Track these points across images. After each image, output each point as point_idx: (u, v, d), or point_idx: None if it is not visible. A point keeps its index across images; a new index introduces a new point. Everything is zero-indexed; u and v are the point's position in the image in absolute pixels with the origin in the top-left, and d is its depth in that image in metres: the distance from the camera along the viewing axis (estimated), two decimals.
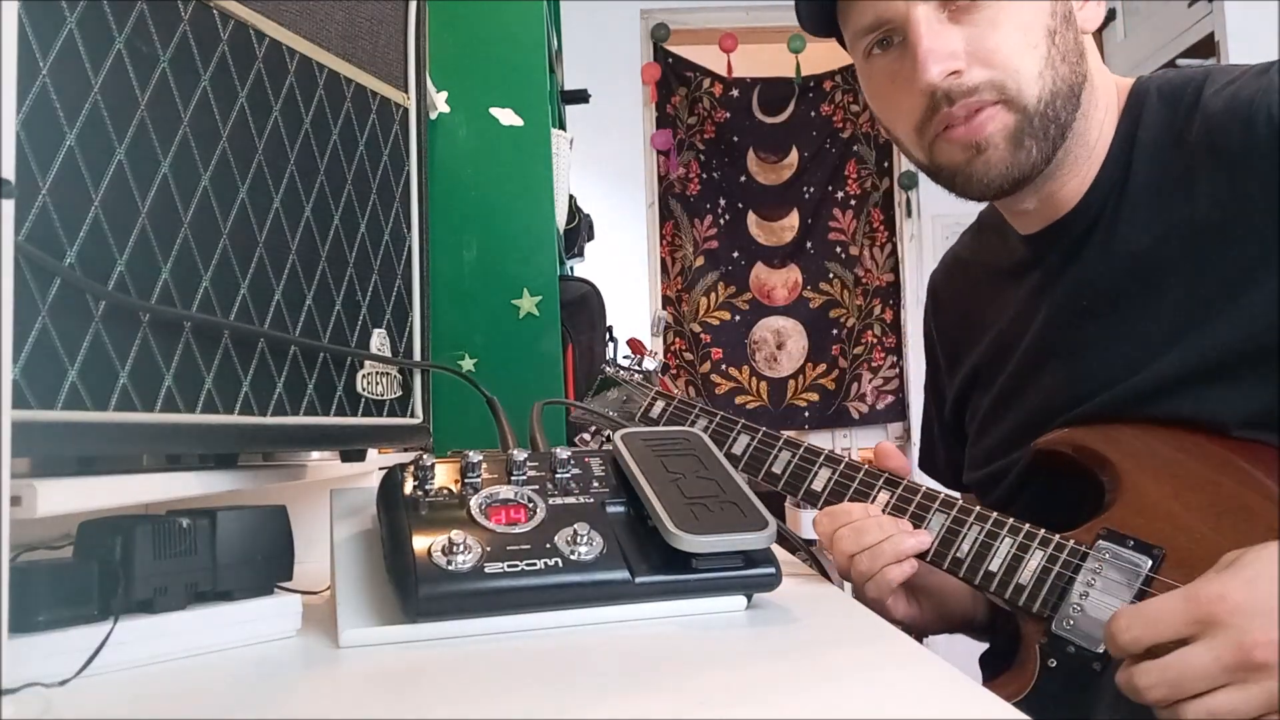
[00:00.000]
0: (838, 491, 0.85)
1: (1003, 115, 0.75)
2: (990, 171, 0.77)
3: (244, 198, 0.58)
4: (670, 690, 0.46)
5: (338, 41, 0.67)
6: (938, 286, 1.07)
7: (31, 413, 0.43)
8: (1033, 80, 0.74)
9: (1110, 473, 0.77)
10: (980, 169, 0.77)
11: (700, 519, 0.60)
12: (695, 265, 3.83)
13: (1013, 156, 0.76)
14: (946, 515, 0.79)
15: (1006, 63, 0.74)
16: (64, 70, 0.45)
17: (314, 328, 0.64)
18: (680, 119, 3.85)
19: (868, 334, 3.83)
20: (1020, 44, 0.74)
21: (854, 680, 0.48)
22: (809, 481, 0.87)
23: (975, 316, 0.97)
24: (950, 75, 0.74)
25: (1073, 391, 0.82)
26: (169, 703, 0.46)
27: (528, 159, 1.55)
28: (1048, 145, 0.77)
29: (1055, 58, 0.75)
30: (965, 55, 0.74)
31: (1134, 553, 0.71)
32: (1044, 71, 0.75)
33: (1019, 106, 0.75)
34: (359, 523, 0.65)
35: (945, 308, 1.05)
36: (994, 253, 0.96)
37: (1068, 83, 0.76)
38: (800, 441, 0.90)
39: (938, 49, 0.73)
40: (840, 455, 0.88)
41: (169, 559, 0.51)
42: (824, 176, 3.85)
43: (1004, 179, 0.78)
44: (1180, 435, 0.75)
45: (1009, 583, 0.75)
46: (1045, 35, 0.75)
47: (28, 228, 0.44)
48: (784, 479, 0.88)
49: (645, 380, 1.04)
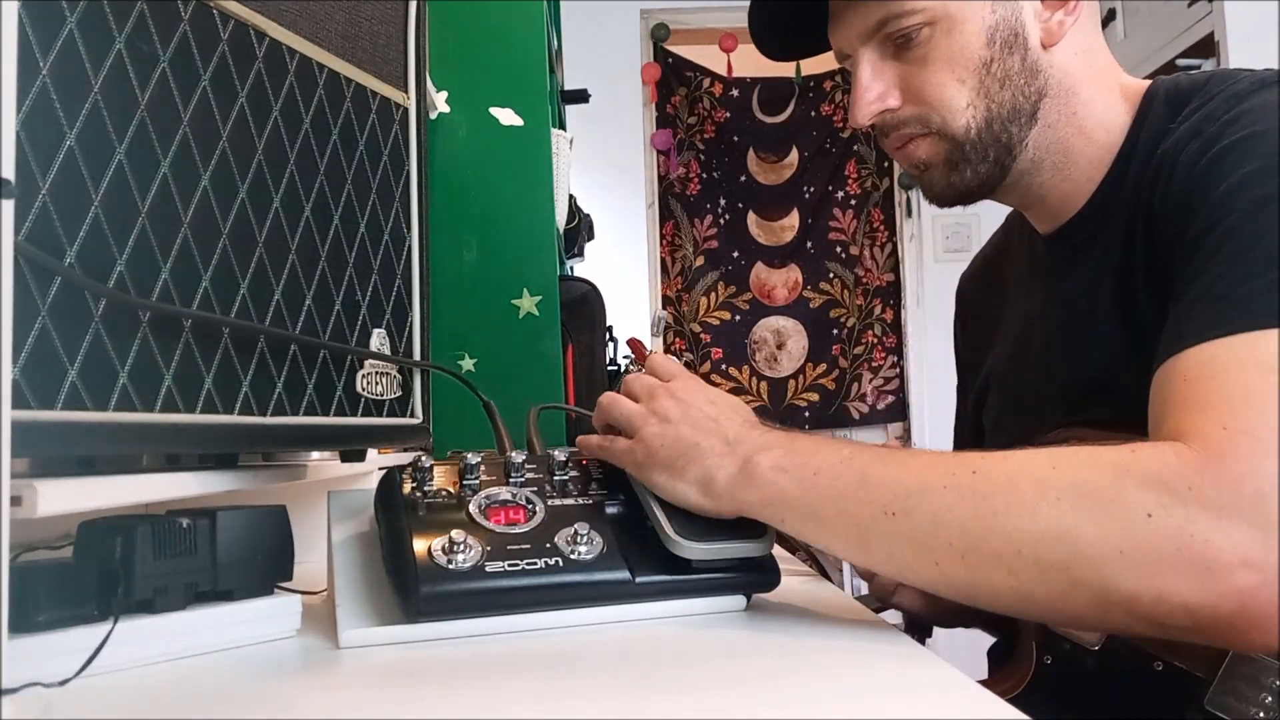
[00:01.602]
0: None
1: (931, 144, 0.81)
2: (934, 188, 0.83)
3: (244, 197, 0.58)
4: (670, 690, 0.46)
5: (338, 41, 0.67)
6: (965, 290, 1.08)
7: (31, 413, 0.43)
8: (959, 112, 0.79)
9: None
10: (926, 185, 0.84)
11: (699, 525, 0.61)
12: (695, 265, 3.83)
13: (948, 178, 0.82)
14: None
15: (932, 99, 0.79)
16: (64, 70, 0.46)
17: (314, 327, 0.64)
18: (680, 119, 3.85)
19: (868, 334, 3.83)
20: (945, 80, 0.78)
21: (853, 679, 0.48)
22: None
23: (998, 317, 0.97)
24: (882, 113, 0.81)
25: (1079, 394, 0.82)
26: (169, 703, 0.46)
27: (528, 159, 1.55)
28: (990, 165, 0.81)
29: (990, 86, 0.79)
30: (899, 91, 0.80)
31: None
32: (974, 102, 0.79)
33: (947, 136, 0.80)
34: (356, 524, 0.65)
35: (971, 310, 1.06)
36: (1017, 254, 0.97)
37: (1010, 105, 0.79)
38: None
39: (868, 95, 0.80)
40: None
41: (169, 559, 0.51)
42: (824, 176, 3.85)
43: (950, 194, 0.83)
44: None
45: None
46: (976, 68, 0.78)
47: (28, 227, 0.44)
48: None
49: None
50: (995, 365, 0.96)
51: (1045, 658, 0.73)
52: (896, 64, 0.80)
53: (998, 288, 1.00)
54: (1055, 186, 0.83)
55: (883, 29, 0.78)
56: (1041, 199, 0.85)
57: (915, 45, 0.78)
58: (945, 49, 0.78)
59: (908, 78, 0.79)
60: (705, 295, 3.84)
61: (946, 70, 0.78)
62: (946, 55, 0.78)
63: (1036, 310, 0.89)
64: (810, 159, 3.86)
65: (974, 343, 1.04)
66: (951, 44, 0.78)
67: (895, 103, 0.80)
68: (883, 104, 0.80)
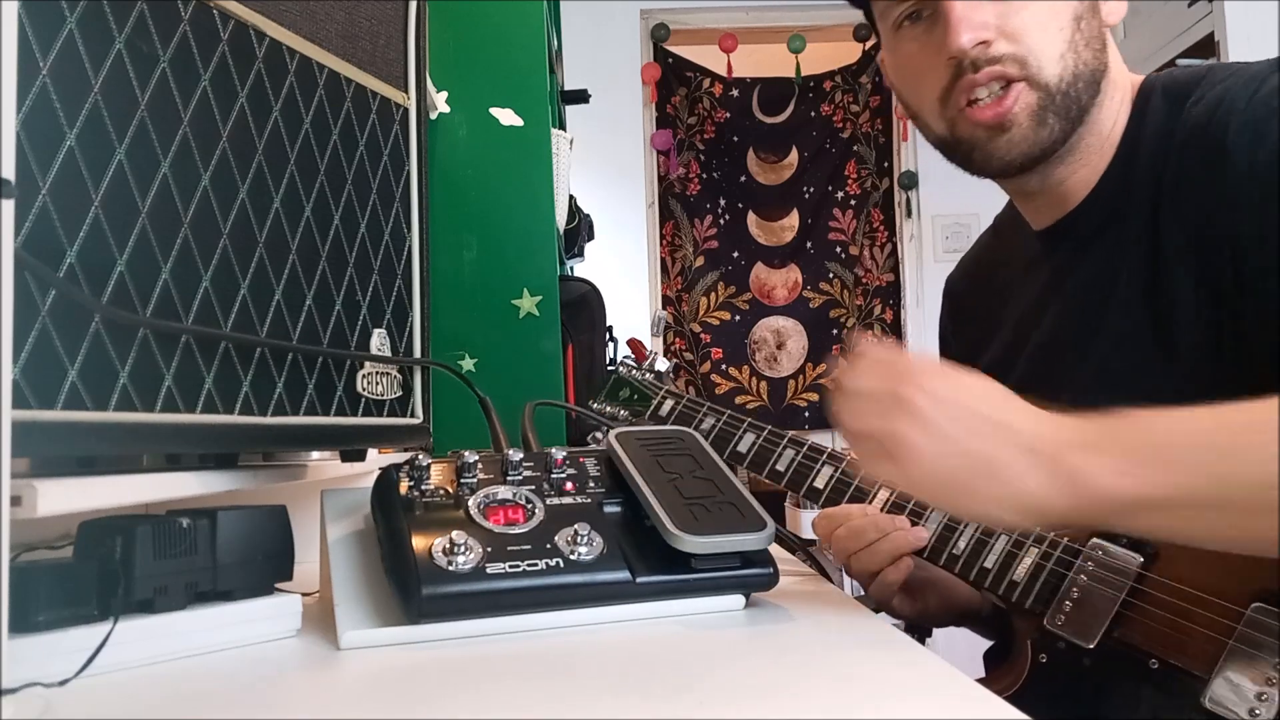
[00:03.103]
0: (839, 490, 0.86)
1: (1026, 94, 0.78)
2: (1012, 150, 0.80)
3: (244, 198, 0.58)
4: (670, 690, 0.46)
5: (338, 41, 0.67)
6: (953, 289, 1.08)
7: (31, 413, 0.43)
8: (1054, 60, 0.78)
9: None
10: (1003, 146, 0.80)
11: (699, 520, 0.61)
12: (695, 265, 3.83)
13: (1035, 134, 0.79)
14: (944, 513, 0.80)
15: (1031, 40, 0.77)
16: (64, 70, 0.46)
17: (314, 328, 0.64)
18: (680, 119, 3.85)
19: (868, 334, 3.83)
20: (1046, 24, 0.77)
21: (851, 678, 0.48)
22: (811, 479, 0.88)
23: (990, 316, 0.97)
24: (979, 45, 0.77)
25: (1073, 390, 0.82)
26: (169, 703, 0.46)
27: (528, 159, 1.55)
28: (1068, 124, 0.79)
29: (1079, 42, 0.78)
30: (994, 28, 0.77)
31: (1126, 550, 0.71)
32: (1066, 54, 0.78)
33: (1040, 84, 0.78)
34: (352, 523, 0.65)
35: (960, 310, 1.06)
36: (1009, 251, 0.97)
37: (1089, 67, 0.79)
38: (804, 440, 0.90)
39: (970, 17, 0.77)
40: (843, 454, 0.88)
41: (169, 559, 0.51)
42: (824, 176, 3.85)
43: (1025, 156, 0.80)
44: None
45: (1003, 579, 0.76)
46: (1071, 19, 0.78)
47: (28, 228, 0.44)
48: (787, 476, 0.89)
49: (657, 380, 1.05)
50: (990, 361, 0.96)
51: (1041, 656, 0.73)
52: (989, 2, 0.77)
53: (989, 286, 1.00)
54: (1070, 174, 0.84)
55: None
56: (1053, 188, 0.85)
57: None
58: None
59: (1006, 14, 0.77)
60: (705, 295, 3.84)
61: (1047, 14, 0.77)
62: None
63: (1036, 304, 0.89)
64: (810, 159, 3.86)
65: (965, 341, 1.03)
66: None
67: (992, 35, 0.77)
68: (986, 31, 0.77)
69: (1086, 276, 0.84)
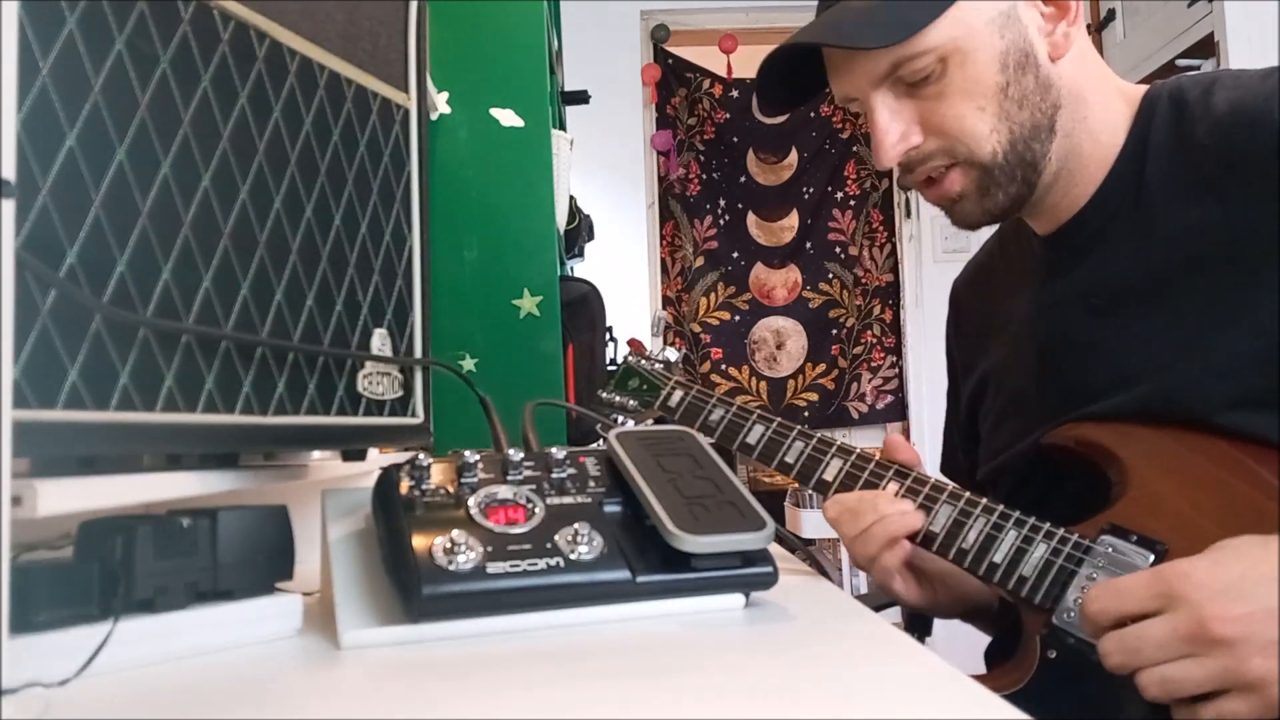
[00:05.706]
0: (848, 482, 0.86)
1: (961, 175, 0.81)
2: (969, 216, 0.84)
3: (245, 198, 0.58)
4: (670, 690, 0.46)
5: (338, 42, 0.67)
6: (959, 294, 1.09)
7: (31, 412, 0.43)
8: (983, 139, 0.79)
9: (1117, 469, 0.77)
10: (960, 215, 0.84)
11: (699, 519, 0.61)
12: (695, 265, 3.84)
13: (983, 204, 0.82)
14: (954, 507, 0.80)
15: (955, 130, 0.79)
16: (64, 70, 0.46)
17: (315, 328, 0.64)
18: (680, 120, 3.85)
19: (867, 334, 3.84)
20: (965, 112, 0.79)
21: (851, 677, 0.48)
22: (820, 471, 0.88)
23: (993, 320, 0.98)
24: (908, 151, 0.81)
25: (1084, 390, 0.82)
26: (169, 703, 0.46)
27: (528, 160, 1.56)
28: (1019, 184, 0.82)
29: (1009, 109, 0.79)
30: (919, 127, 0.80)
31: (1137, 548, 0.72)
32: (997, 127, 0.79)
33: (975, 164, 0.80)
34: (353, 523, 0.65)
35: (965, 315, 1.07)
36: (1013, 256, 0.97)
37: (1030, 124, 0.80)
38: (813, 433, 0.91)
39: (890, 132, 0.80)
40: (852, 446, 0.88)
41: (170, 558, 0.51)
42: (823, 177, 3.86)
43: (985, 219, 0.84)
44: (1190, 435, 0.75)
45: (1012, 574, 0.76)
46: (995, 93, 0.79)
47: (28, 228, 0.44)
48: (796, 468, 0.90)
49: (666, 370, 1.05)
50: (993, 365, 0.96)
51: (1049, 652, 0.73)
52: (912, 101, 0.80)
53: (993, 291, 1.00)
54: (1069, 191, 0.84)
55: (895, 72, 0.79)
56: (1049, 209, 0.86)
57: (930, 82, 0.78)
58: (960, 81, 0.78)
59: (927, 114, 0.79)
60: (705, 295, 3.84)
61: (965, 101, 0.78)
62: (963, 87, 0.78)
63: (1038, 309, 0.89)
64: (809, 160, 3.86)
65: (969, 345, 1.04)
66: (966, 75, 0.78)
67: (918, 139, 0.80)
68: (907, 143, 0.80)
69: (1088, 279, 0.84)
